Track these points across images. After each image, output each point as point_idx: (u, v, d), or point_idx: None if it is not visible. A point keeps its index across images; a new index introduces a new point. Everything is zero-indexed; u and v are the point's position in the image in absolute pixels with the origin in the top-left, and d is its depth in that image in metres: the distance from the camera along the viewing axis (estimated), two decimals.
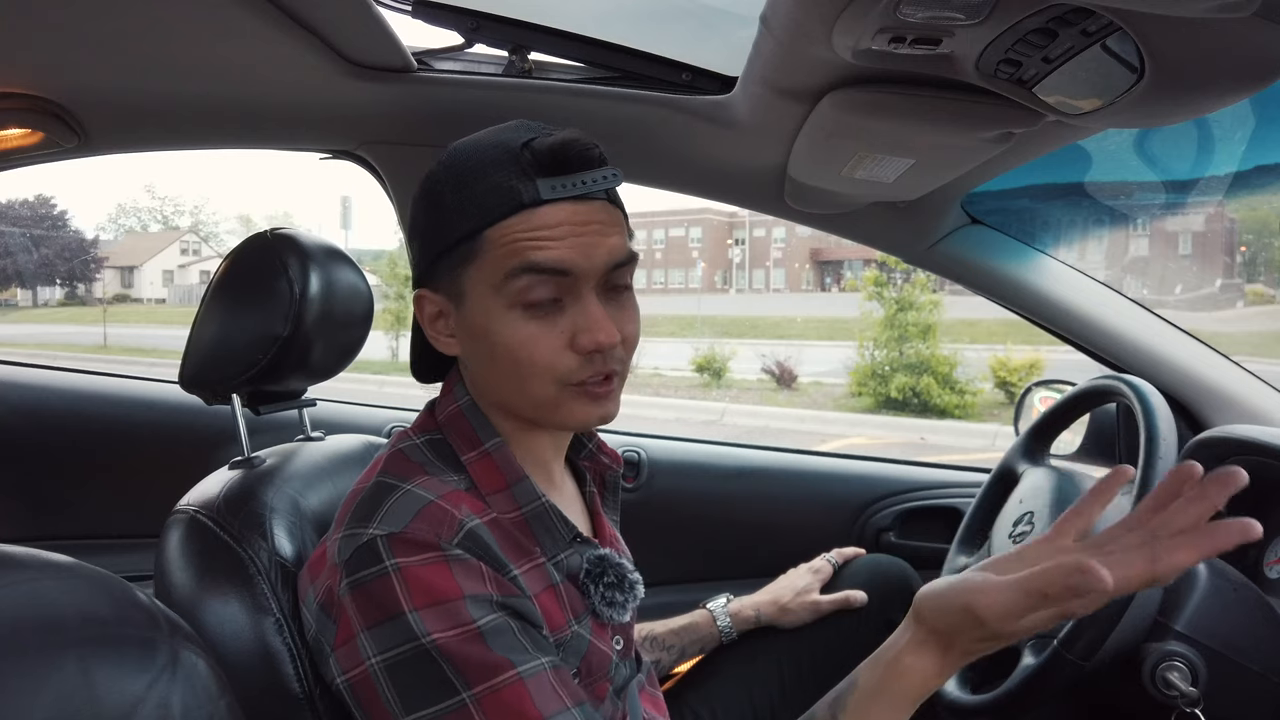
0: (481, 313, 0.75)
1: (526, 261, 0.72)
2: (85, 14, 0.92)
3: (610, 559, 0.81)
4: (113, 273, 28.64)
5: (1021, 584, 0.68)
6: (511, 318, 0.74)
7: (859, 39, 0.72)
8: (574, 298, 0.74)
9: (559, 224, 0.73)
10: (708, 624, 1.18)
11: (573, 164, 0.73)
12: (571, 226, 0.73)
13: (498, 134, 0.76)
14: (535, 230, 0.72)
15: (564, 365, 0.74)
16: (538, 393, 0.75)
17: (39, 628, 0.49)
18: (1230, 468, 0.67)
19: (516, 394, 0.77)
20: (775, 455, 1.76)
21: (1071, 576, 0.64)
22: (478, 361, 0.79)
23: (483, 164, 0.74)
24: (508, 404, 0.79)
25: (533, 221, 0.72)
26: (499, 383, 0.78)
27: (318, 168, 14.35)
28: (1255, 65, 0.66)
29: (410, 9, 1.09)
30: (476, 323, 0.76)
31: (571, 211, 0.73)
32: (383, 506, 0.72)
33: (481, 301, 0.75)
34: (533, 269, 0.72)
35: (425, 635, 0.66)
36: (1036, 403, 1.55)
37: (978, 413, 9.27)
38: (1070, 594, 0.65)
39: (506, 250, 0.73)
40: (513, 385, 0.76)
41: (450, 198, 0.75)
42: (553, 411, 0.77)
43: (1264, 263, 15.16)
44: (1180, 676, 0.89)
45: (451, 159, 0.77)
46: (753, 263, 36.74)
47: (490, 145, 0.75)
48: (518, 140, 0.74)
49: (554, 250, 0.72)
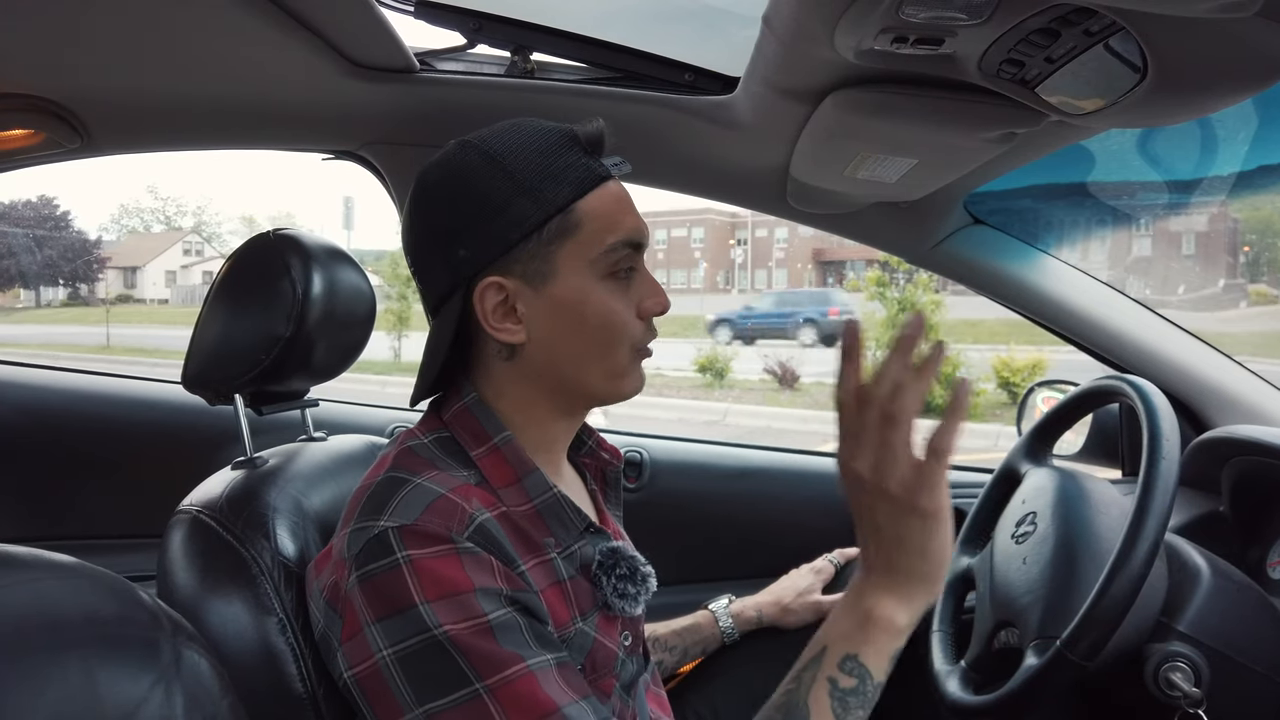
0: (575, 287, 0.78)
1: (622, 234, 0.78)
2: (88, 15, 0.92)
3: (623, 551, 0.82)
4: (115, 273, 28.68)
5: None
6: (605, 288, 0.78)
7: (861, 39, 0.72)
8: (638, 267, 0.81)
9: (626, 198, 0.80)
10: (710, 625, 1.18)
11: (608, 147, 0.80)
12: (630, 201, 0.81)
13: (524, 125, 0.79)
14: (618, 203, 0.79)
15: (638, 331, 0.81)
16: (618, 360, 0.80)
17: (42, 628, 0.49)
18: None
19: (599, 363, 0.80)
20: (777, 456, 1.76)
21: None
22: (558, 339, 0.79)
23: (545, 146, 0.78)
24: (578, 380, 0.81)
25: (611, 195, 0.79)
26: (579, 356, 0.80)
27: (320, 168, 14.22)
28: (1258, 65, 0.66)
29: (412, 9, 1.09)
30: (568, 297, 0.78)
31: (622, 188, 0.81)
32: (394, 499, 0.72)
33: (575, 275, 0.78)
34: (626, 242, 0.78)
35: (438, 627, 0.66)
36: (1039, 403, 1.55)
37: (980, 413, 9.25)
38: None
39: (603, 223, 0.77)
40: (596, 355, 0.80)
41: (521, 179, 0.76)
42: (620, 379, 0.82)
43: (1267, 263, 15.14)
44: (1183, 677, 0.89)
45: (491, 148, 0.77)
46: (755, 263, 36.72)
47: (538, 131, 0.79)
48: (556, 126, 0.79)
49: (634, 221, 0.79)
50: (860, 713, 0.74)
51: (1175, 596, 0.94)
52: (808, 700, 0.74)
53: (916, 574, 0.74)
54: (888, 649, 0.75)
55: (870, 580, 0.76)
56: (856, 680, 0.74)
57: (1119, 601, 0.84)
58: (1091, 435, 1.47)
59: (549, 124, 0.80)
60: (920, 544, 0.73)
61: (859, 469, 0.72)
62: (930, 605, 0.78)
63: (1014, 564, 1.03)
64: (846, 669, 0.74)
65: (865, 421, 0.72)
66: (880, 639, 0.74)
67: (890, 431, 0.70)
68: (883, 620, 0.74)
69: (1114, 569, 0.85)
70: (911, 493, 0.71)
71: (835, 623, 0.77)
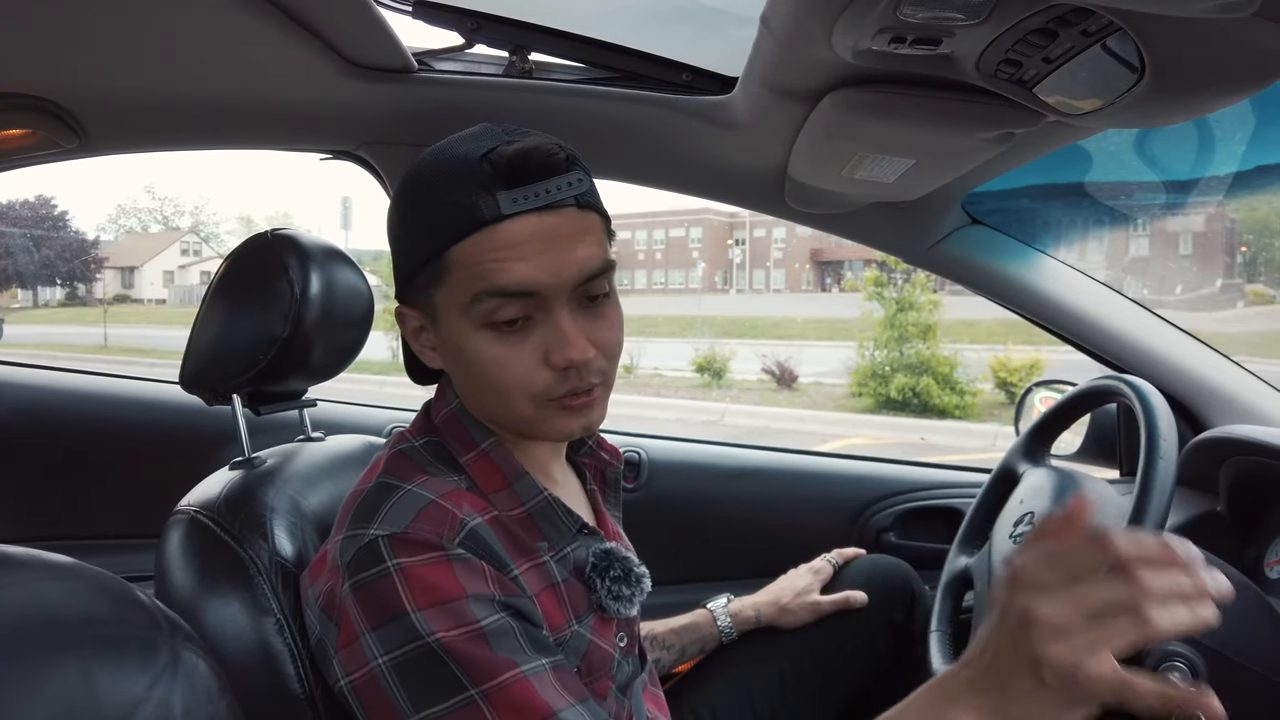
0: (454, 333, 0.74)
1: (490, 285, 0.70)
2: (87, 15, 0.92)
3: (616, 553, 0.81)
4: (113, 273, 28.64)
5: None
6: (481, 338, 0.72)
7: (859, 39, 0.73)
8: (545, 314, 0.72)
9: (523, 240, 0.70)
10: (708, 624, 1.18)
11: (536, 172, 0.70)
12: (537, 242, 0.70)
13: (459, 143, 0.74)
14: (498, 249, 0.70)
15: (540, 382, 0.73)
16: (516, 410, 0.75)
17: (40, 628, 0.49)
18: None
19: (496, 410, 0.77)
20: (775, 455, 1.76)
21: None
22: (458, 377, 0.79)
23: (443, 178, 0.72)
24: (491, 417, 0.79)
25: (495, 239, 0.70)
26: (480, 398, 0.78)
27: (318, 168, 14.23)
28: (1255, 65, 0.66)
29: (410, 9, 1.09)
30: (451, 341, 0.75)
31: (537, 224, 0.70)
32: (384, 507, 0.72)
33: (452, 322, 0.74)
34: (497, 292, 0.70)
35: (430, 634, 0.66)
36: (1037, 403, 1.55)
37: (978, 413, 9.27)
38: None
39: (471, 272, 0.71)
40: (492, 402, 0.77)
41: (413, 216, 0.74)
42: (534, 426, 0.76)
43: (1264, 263, 15.16)
44: (1181, 677, 0.89)
45: (415, 174, 0.76)
46: (753, 263, 36.74)
47: (449, 158, 0.73)
48: (478, 151, 0.71)
49: (518, 270, 0.70)
50: None
51: None
52: None
53: (1018, 713, 0.58)
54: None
55: (963, 684, 0.61)
56: None
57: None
58: (1089, 435, 1.47)
59: (467, 147, 0.72)
60: (1043, 706, 0.56)
61: (1044, 616, 0.56)
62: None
63: None
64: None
65: (1107, 591, 0.55)
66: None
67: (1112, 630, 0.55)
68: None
69: None
70: (1079, 678, 0.54)
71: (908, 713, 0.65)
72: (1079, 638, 0.55)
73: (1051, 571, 0.58)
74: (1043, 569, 0.58)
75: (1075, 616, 0.55)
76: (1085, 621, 0.55)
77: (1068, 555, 0.58)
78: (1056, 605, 0.56)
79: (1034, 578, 0.58)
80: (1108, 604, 0.55)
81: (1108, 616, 0.55)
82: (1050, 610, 0.56)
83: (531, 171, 0.70)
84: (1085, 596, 0.56)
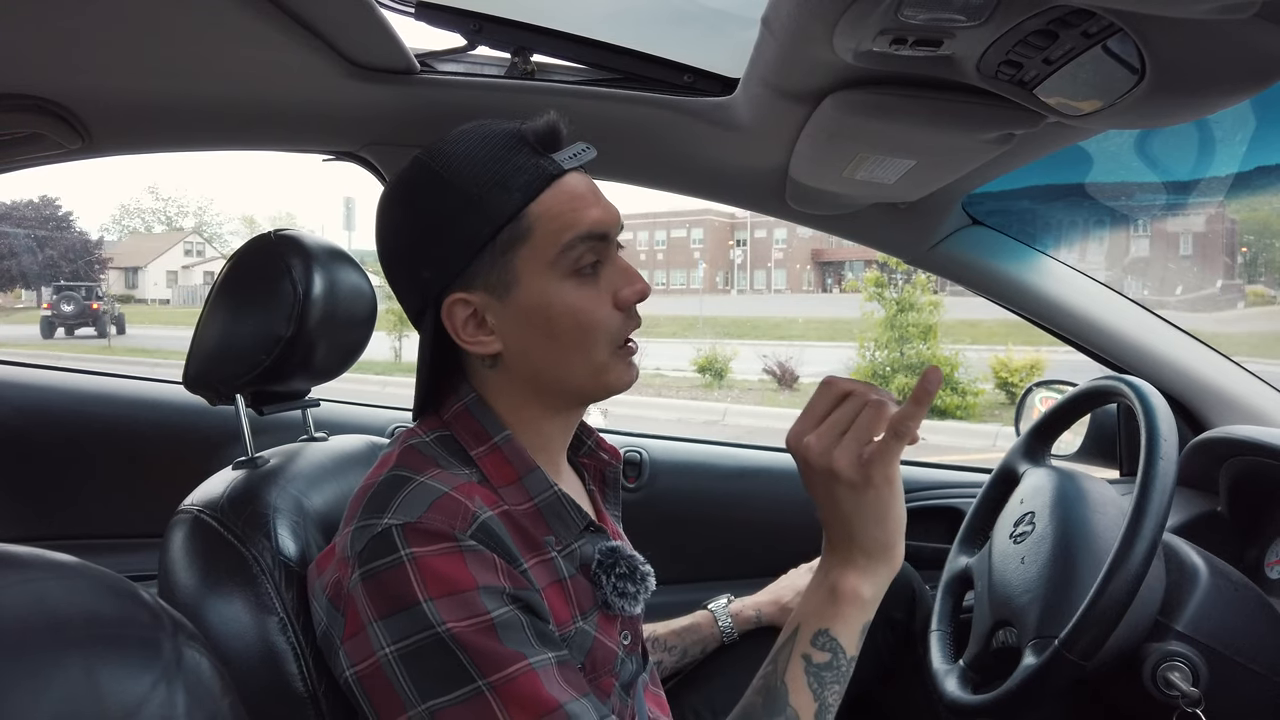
0: (538, 292, 0.77)
1: (579, 230, 0.77)
2: (89, 16, 0.92)
3: (622, 550, 0.82)
4: (117, 273, 28.70)
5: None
6: (566, 288, 0.78)
7: (860, 41, 0.73)
8: (606, 258, 0.80)
9: (584, 191, 0.78)
10: (709, 625, 1.18)
11: (564, 139, 0.79)
12: (590, 193, 0.79)
13: (473, 131, 0.78)
14: (573, 199, 0.77)
15: (615, 324, 0.80)
16: (596, 357, 0.79)
17: (44, 627, 0.50)
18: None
19: (579, 364, 0.79)
20: (776, 456, 1.76)
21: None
22: (531, 346, 0.79)
23: (491, 153, 0.76)
24: (562, 383, 0.80)
25: (568, 189, 0.77)
26: (557, 360, 0.79)
27: (321, 169, 14.33)
28: (1256, 66, 0.66)
29: (413, 11, 1.09)
30: (533, 304, 0.77)
31: (581, 179, 0.79)
32: (397, 497, 0.72)
33: (537, 280, 0.77)
34: (585, 235, 0.77)
35: (441, 624, 0.66)
36: (1037, 403, 1.55)
37: (978, 413, 9.25)
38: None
39: (558, 223, 0.76)
40: (574, 356, 0.79)
41: (467, 193, 0.76)
42: (603, 376, 0.80)
43: (1265, 263, 15.15)
44: (1181, 677, 0.89)
45: (438, 165, 0.77)
46: (754, 263, 36.75)
47: (481, 139, 0.77)
48: (508, 127, 0.78)
49: (593, 214, 0.78)
50: (836, 687, 0.76)
51: (1173, 596, 0.94)
52: (784, 679, 0.76)
53: (875, 545, 0.77)
54: (857, 622, 0.78)
55: (833, 556, 0.79)
56: (829, 655, 0.76)
57: (1117, 601, 0.84)
58: (1090, 435, 1.47)
59: (497, 126, 0.79)
60: (875, 515, 0.75)
61: (809, 445, 0.75)
62: (894, 575, 0.80)
63: (1012, 564, 1.03)
64: (819, 644, 0.77)
65: (839, 412, 0.75)
66: (848, 612, 0.77)
67: (854, 427, 0.74)
68: (849, 593, 0.77)
69: (1112, 569, 0.85)
70: (861, 467, 0.73)
71: (805, 601, 0.80)
72: (841, 445, 0.74)
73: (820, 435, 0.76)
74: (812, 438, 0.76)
75: (834, 437, 0.74)
76: (839, 437, 0.74)
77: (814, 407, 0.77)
78: (820, 439, 0.75)
79: (814, 447, 0.75)
80: (842, 421, 0.75)
81: (849, 428, 0.75)
82: (816, 443, 0.75)
83: (560, 137, 0.78)
84: (833, 424, 0.75)
